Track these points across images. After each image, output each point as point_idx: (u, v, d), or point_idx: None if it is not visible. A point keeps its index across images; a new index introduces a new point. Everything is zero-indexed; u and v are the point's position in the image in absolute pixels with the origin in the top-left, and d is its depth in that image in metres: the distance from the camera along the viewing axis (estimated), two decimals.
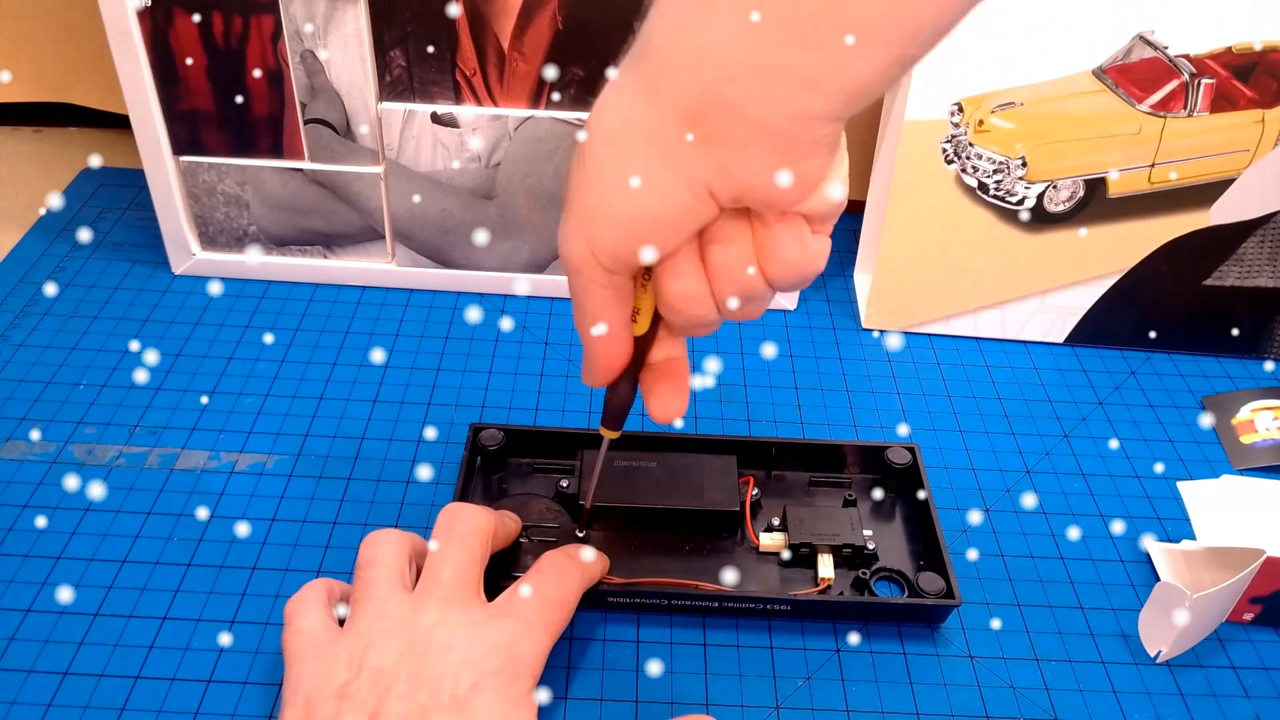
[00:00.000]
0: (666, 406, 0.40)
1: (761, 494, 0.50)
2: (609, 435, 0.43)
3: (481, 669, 0.37)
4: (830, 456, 0.52)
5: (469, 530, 0.41)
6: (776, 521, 0.49)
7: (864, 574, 0.47)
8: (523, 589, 0.40)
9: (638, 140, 0.31)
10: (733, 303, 0.34)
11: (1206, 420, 0.58)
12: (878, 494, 0.51)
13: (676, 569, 0.47)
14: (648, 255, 0.33)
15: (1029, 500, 0.53)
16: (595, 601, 0.45)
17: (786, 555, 0.48)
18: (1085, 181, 0.58)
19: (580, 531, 0.48)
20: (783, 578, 0.47)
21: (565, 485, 0.49)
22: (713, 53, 0.28)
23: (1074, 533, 0.52)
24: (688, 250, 0.34)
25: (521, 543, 0.47)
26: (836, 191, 0.32)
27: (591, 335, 0.37)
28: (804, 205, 0.32)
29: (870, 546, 0.47)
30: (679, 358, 0.40)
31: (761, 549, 0.48)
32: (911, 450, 0.51)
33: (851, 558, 0.48)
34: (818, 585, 0.47)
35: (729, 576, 0.46)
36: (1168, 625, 0.45)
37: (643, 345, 0.38)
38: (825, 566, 0.47)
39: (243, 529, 0.48)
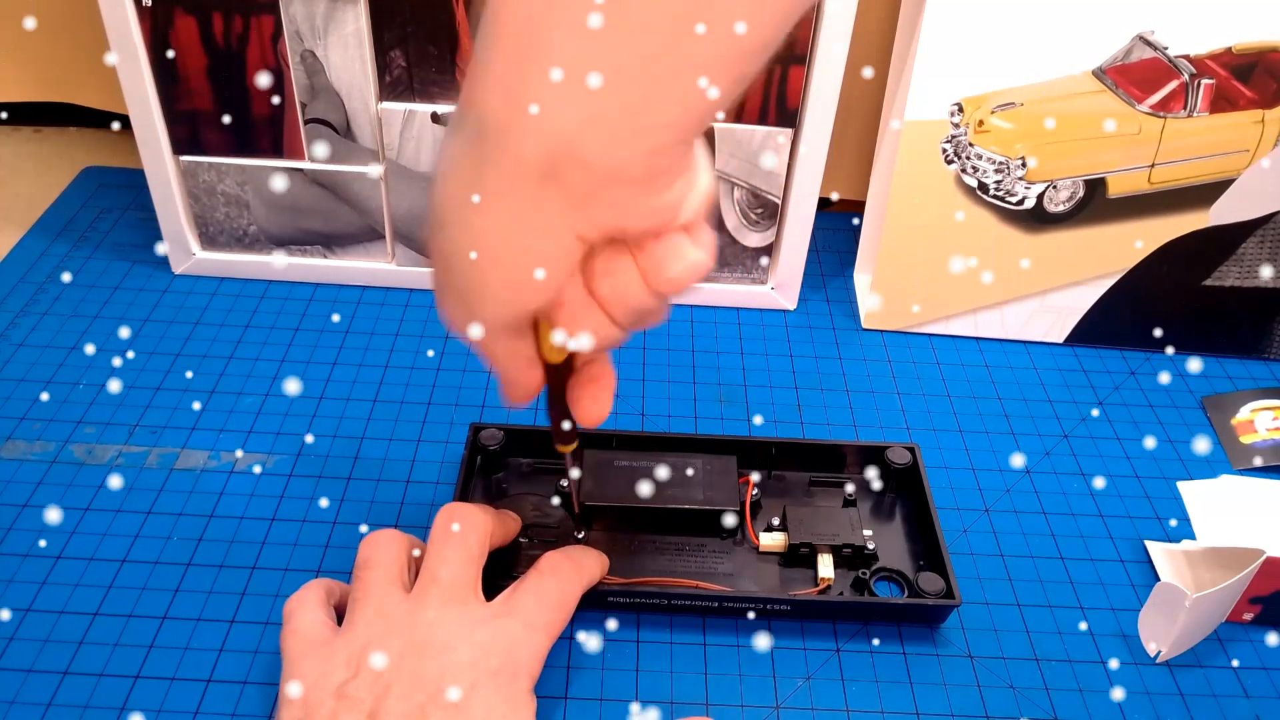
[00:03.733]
0: (590, 413, 0.39)
1: (761, 494, 0.50)
2: (565, 450, 0.43)
3: (480, 669, 0.37)
4: (830, 456, 0.52)
5: (466, 530, 0.41)
6: (776, 521, 0.49)
7: (864, 574, 0.47)
8: (522, 590, 0.40)
9: (492, 209, 0.30)
10: (632, 321, 0.34)
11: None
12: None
13: (676, 569, 0.47)
14: (530, 307, 0.33)
15: (1029, 500, 0.53)
16: (595, 601, 0.45)
17: (776, 543, 0.48)
18: (1085, 182, 0.58)
19: (579, 533, 0.48)
20: (783, 578, 0.47)
21: (565, 485, 0.49)
22: (547, 115, 0.27)
23: (1074, 533, 0.52)
24: (573, 288, 0.33)
25: (521, 542, 0.47)
26: (699, 197, 0.32)
27: (498, 372, 0.37)
28: (678, 221, 0.32)
29: (870, 546, 0.47)
30: (600, 363, 0.39)
31: (761, 549, 0.48)
32: (911, 450, 0.51)
33: (851, 558, 0.48)
34: (818, 585, 0.47)
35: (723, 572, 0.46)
36: (1168, 625, 0.45)
37: (562, 368, 0.38)
38: (825, 566, 0.47)
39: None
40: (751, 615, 0.46)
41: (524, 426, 0.52)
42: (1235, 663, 0.46)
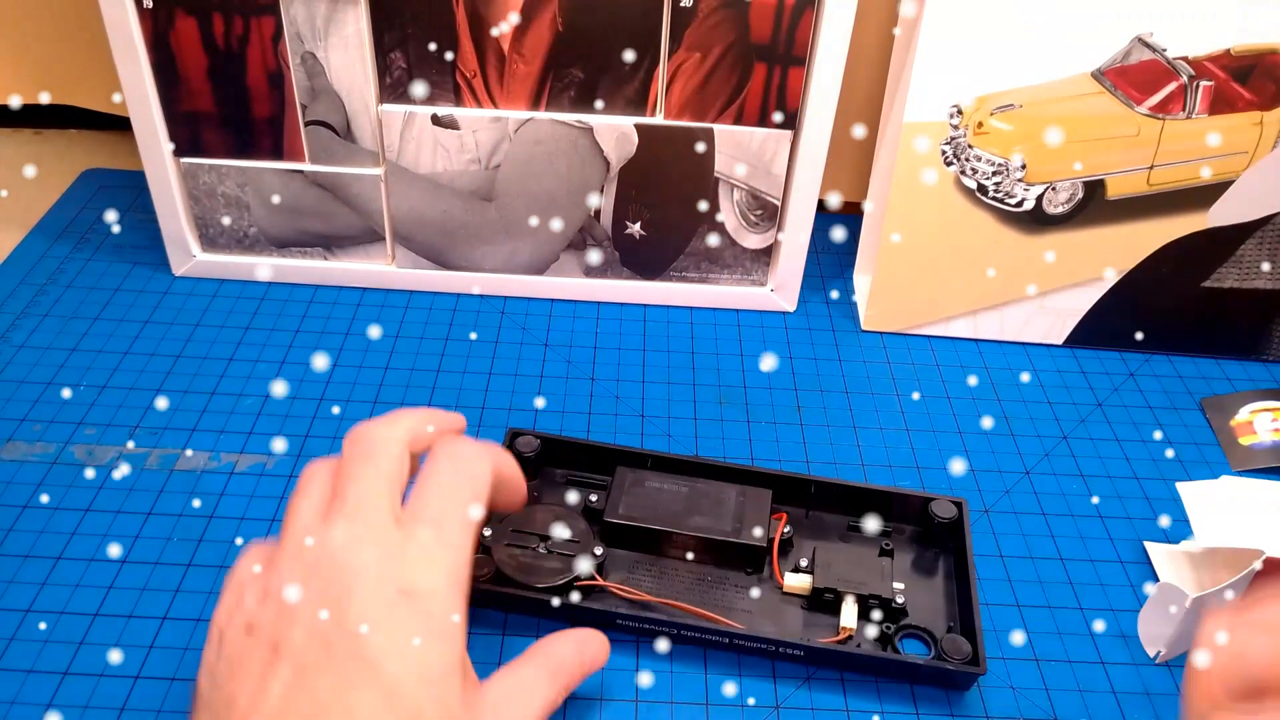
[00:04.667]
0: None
1: (794, 533, 0.48)
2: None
3: (390, 591, 0.32)
4: (871, 502, 0.49)
5: (376, 446, 0.35)
6: (805, 563, 0.47)
7: (888, 628, 0.44)
8: (424, 492, 0.35)
9: None
10: None
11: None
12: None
13: (693, 598, 0.45)
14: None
15: (1028, 501, 0.53)
16: (603, 623, 0.43)
17: (801, 585, 0.46)
18: (1084, 183, 0.58)
19: (599, 549, 0.46)
20: (805, 622, 0.45)
21: (594, 500, 0.48)
22: None
23: (1073, 533, 0.52)
24: None
25: (540, 553, 0.46)
26: None
27: None
28: None
29: (899, 600, 0.45)
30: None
31: (785, 589, 0.46)
32: (958, 505, 0.49)
33: (878, 610, 0.45)
34: (838, 634, 0.44)
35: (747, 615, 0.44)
36: (1167, 625, 0.45)
37: None
38: (848, 616, 0.44)
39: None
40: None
41: (562, 436, 0.51)
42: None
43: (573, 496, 0.49)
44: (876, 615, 0.45)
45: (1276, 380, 0.62)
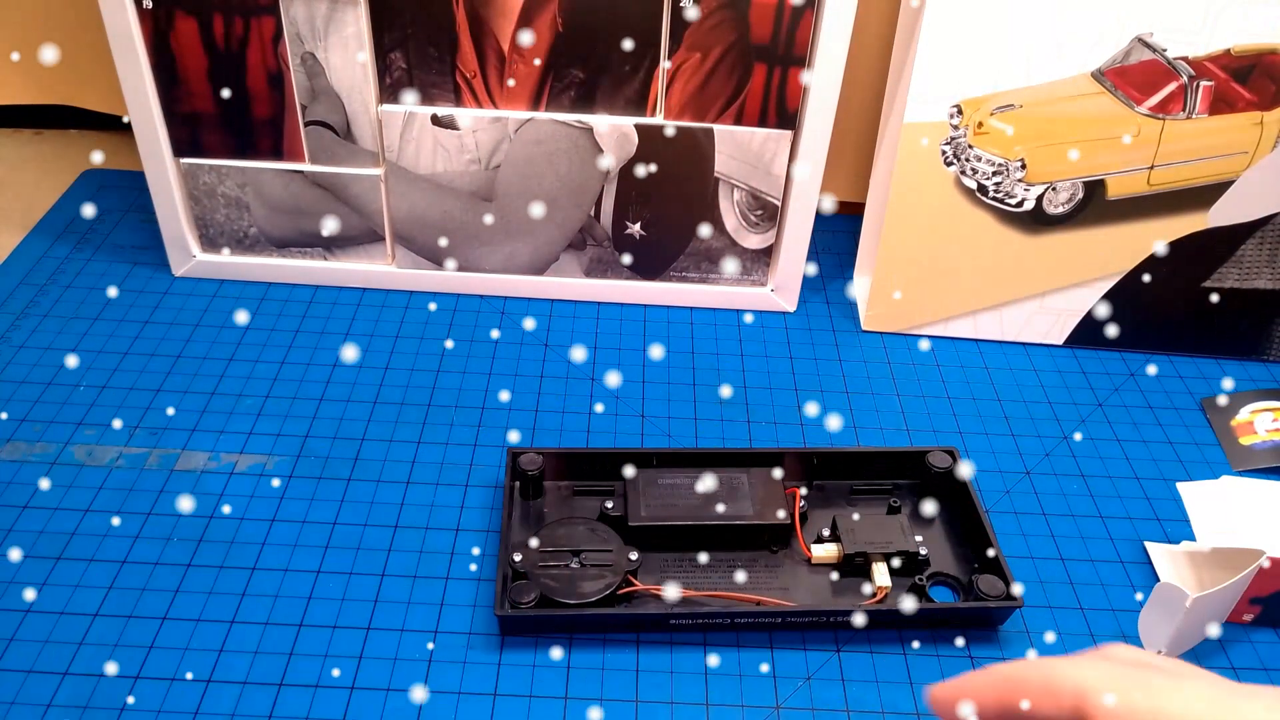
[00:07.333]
0: None
1: (807, 505, 0.50)
2: None
3: None
4: (870, 464, 0.51)
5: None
6: (826, 532, 0.49)
7: (921, 580, 0.47)
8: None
9: None
10: None
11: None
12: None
13: (733, 586, 0.47)
14: None
15: (1028, 501, 0.53)
16: (658, 626, 0.45)
17: (829, 554, 0.48)
18: (1084, 183, 0.58)
19: (633, 554, 0.47)
20: (834, 589, 0.47)
21: (610, 507, 0.48)
22: None
23: (1074, 534, 0.52)
24: None
25: (574, 568, 0.46)
26: None
27: None
28: None
29: (923, 552, 0.47)
30: None
31: (814, 561, 0.48)
32: (951, 454, 0.51)
33: (904, 565, 0.47)
34: (875, 595, 0.46)
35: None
36: (1168, 625, 0.45)
37: None
38: (881, 575, 0.47)
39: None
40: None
41: (563, 449, 0.51)
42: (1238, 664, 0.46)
43: (588, 506, 0.50)
44: (897, 566, 0.47)
45: (1276, 380, 0.62)
